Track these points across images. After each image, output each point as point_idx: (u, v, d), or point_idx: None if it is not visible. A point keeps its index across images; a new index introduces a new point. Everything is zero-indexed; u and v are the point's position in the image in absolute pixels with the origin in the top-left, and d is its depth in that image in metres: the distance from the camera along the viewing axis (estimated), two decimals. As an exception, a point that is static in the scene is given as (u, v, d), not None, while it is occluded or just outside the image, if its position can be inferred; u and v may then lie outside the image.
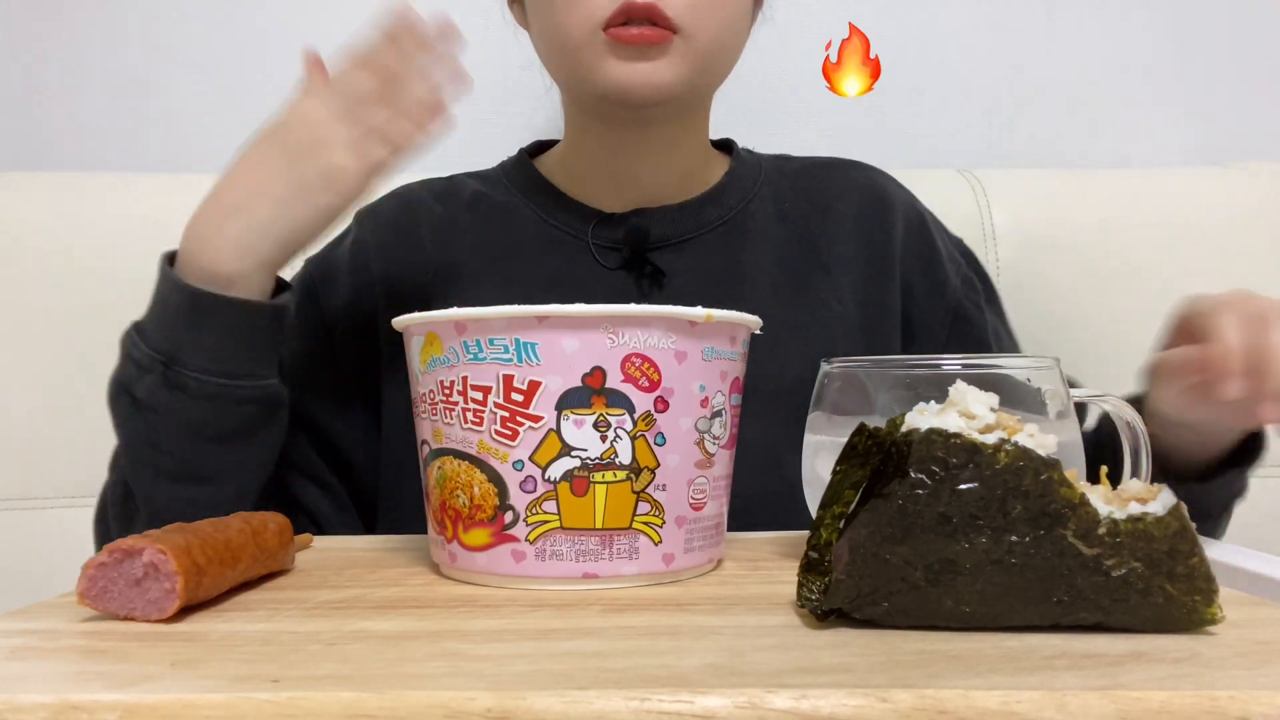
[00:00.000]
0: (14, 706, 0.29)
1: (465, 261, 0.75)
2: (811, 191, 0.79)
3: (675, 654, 0.34)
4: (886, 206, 0.79)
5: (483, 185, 0.80)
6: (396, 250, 0.76)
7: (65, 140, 1.09)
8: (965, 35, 1.11)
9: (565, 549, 0.44)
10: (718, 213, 0.76)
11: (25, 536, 0.91)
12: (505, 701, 0.29)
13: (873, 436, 0.39)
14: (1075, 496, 0.35)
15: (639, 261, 0.73)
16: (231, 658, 0.34)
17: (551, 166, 0.80)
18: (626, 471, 0.44)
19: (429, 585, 0.46)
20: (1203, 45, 1.12)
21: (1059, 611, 0.36)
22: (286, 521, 0.49)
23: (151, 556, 0.39)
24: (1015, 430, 0.36)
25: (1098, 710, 0.29)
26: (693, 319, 0.44)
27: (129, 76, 1.09)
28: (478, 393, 0.44)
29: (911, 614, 0.36)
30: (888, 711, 0.29)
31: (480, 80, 1.06)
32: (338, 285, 0.75)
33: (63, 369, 0.92)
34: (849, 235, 0.77)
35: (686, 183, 0.77)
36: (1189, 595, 0.35)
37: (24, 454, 0.92)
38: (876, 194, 0.80)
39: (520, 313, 0.43)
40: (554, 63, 0.72)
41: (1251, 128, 1.13)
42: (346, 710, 0.29)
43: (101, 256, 0.94)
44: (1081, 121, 1.13)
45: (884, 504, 0.36)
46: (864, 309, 0.75)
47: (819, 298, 0.74)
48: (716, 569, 0.49)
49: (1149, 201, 1.01)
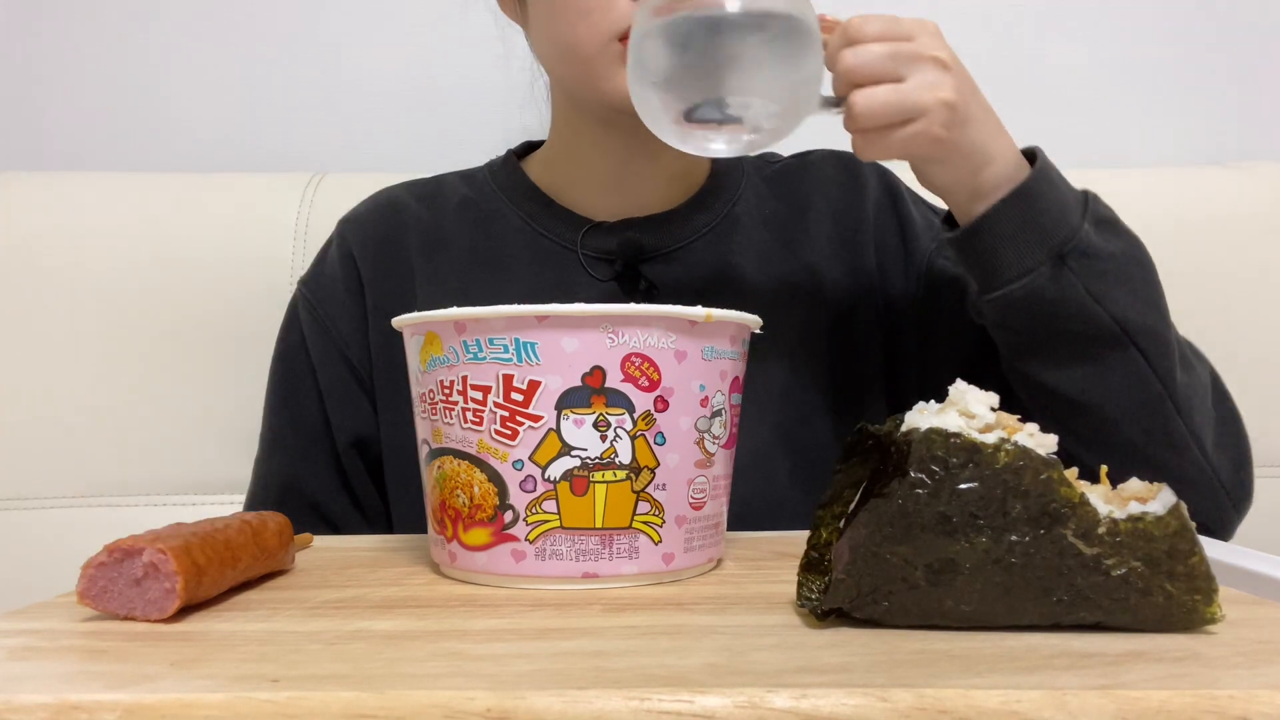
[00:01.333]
0: (14, 706, 0.29)
1: (452, 271, 0.75)
2: (790, 194, 0.78)
3: (675, 654, 0.34)
4: (859, 189, 0.78)
5: (469, 188, 0.79)
6: (382, 257, 0.76)
7: (65, 140, 1.09)
8: (963, 35, 1.11)
9: (565, 548, 0.44)
10: (705, 219, 0.75)
11: (25, 536, 0.91)
12: (505, 701, 0.29)
13: (873, 436, 0.39)
14: (1075, 496, 0.35)
15: (632, 276, 0.73)
16: (231, 657, 0.34)
17: (539, 170, 0.79)
18: (626, 471, 0.44)
19: (429, 585, 0.46)
20: (1203, 45, 1.12)
21: (1059, 611, 0.36)
22: (286, 521, 0.49)
23: (151, 556, 0.39)
24: (1015, 430, 0.37)
25: (1097, 710, 0.29)
26: (693, 318, 0.44)
27: (129, 76, 1.09)
28: (477, 392, 0.44)
29: (911, 614, 0.36)
30: (888, 711, 0.29)
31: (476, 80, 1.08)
32: (338, 304, 0.75)
33: (63, 369, 0.92)
34: (827, 230, 0.76)
35: (674, 186, 0.76)
36: (1189, 594, 0.35)
37: (24, 454, 0.92)
38: (849, 176, 0.79)
39: (520, 312, 0.43)
40: (560, 68, 0.72)
41: (1251, 128, 1.13)
42: (346, 710, 0.29)
43: (101, 256, 0.94)
44: (1081, 121, 1.13)
45: (884, 504, 0.36)
46: (841, 300, 0.75)
47: (802, 300, 0.74)
48: (716, 569, 0.49)
49: (1149, 201, 1.01)
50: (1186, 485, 0.61)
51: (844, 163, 0.80)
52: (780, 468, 0.70)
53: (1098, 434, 0.62)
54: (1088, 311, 0.59)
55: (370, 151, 1.09)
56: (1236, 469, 0.64)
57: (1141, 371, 0.60)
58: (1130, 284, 0.60)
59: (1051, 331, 0.60)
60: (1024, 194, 0.58)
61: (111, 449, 0.92)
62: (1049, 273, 0.58)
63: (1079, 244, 0.58)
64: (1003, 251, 0.59)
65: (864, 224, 0.76)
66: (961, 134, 0.57)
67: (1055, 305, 0.59)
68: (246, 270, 0.93)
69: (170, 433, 0.93)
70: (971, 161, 0.59)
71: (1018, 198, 0.58)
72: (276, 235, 0.94)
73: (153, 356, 0.93)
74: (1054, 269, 0.58)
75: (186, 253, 0.94)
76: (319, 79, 1.09)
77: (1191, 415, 0.61)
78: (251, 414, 0.79)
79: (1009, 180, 0.59)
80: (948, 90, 0.55)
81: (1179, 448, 0.61)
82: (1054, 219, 0.58)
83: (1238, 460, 0.65)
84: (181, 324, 0.93)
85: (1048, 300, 0.59)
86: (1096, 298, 0.58)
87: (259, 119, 1.09)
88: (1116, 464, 0.60)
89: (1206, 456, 0.62)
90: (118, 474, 0.92)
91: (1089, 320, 0.59)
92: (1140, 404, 0.60)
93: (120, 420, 0.92)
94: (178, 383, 0.93)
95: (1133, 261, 0.61)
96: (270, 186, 0.98)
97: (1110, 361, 0.60)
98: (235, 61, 1.09)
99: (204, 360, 0.93)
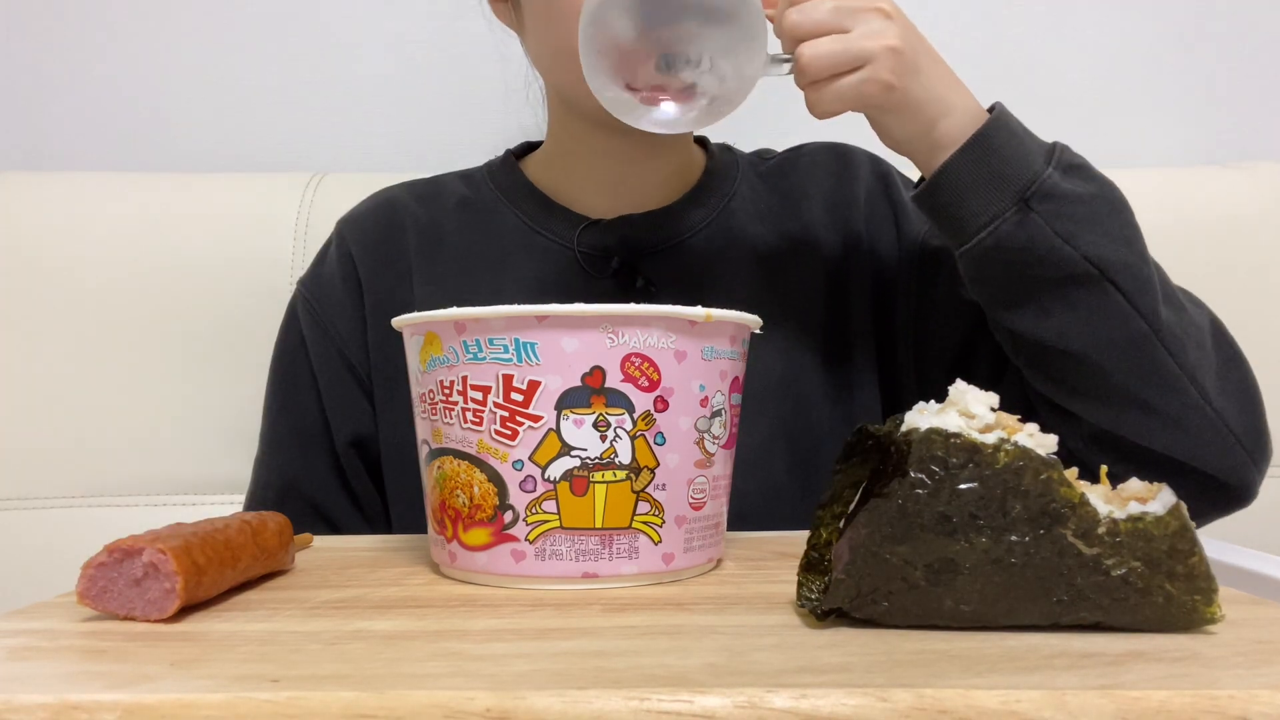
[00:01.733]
0: (14, 706, 0.29)
1: (450, 270, 0.75)
2: (784, 188, 0.79)
3: (675, 654, 0.34)
4: (852, 176, 0.78)
5: (467, 188, 0.80)
6: (381, 257, 0.76)
7: (65, 140, 1.09)
8: (963, 34, 1.11)
9: (565, 548, 0.44)
10: (701, 214, 0.75)
11: (25, 536, 0.91)
12: (505, 701, 0.29)
13: (873, 436, 0.39)
14: (1075, 496, 0.35)
15: (630, 273, 0.73)
16: (231, 658, 0.34)
17: (537, 170, 0.79)
18: (626, 471, 0.44)
19: (429, 585, 0.46)
20: (1203, 45, 1.12)
21: (1059, 611, 0.36)
22: (286, 521, 0.49)
23: (151, 556, 0.39)
24: (1015, 430, 0.37)
25: (1097, 710, 0.29)
26: (693, 318, 0.44)
27: (129, 76, 1.09)
28: (477, 392, 0.44)
29: (911, 613, 0.36)
30: (887, 711, 0.29)
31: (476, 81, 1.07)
32: (337, 304, 0.75)
33: (63, 369, 0.92)
34: (820, 219, 0.76)
35: (671, 184, 0.77)
36: (1189, 595, 0.35)
37: (24, 454, 0.92)
38: (841, 165, 0.79)
39: (520, 312, 0.43)
40: (556, 73, 0.72)
41: (1251, 128, 1.13)
42: (346, 710, 0.29)
43: (101, 256, 0.94)
44: (1081, 121, 1.12)
45: (884, 504, 0.36)
46: (836, 290, 0.75)
47: (797, 291, 0.74)
48: (716, 569, 0.49)
49: (1149, 201, 1.00)
50: (1190, 432, 0.59)
51: (836, 152, 0.80)
52: (778, 459, 0.70)
53: (1089, 383, 0.60)
54: (1059, 253, 0.58)
55: (370, 151, 1.09)
56: (1246, 414, 0.61)
57: (1122, 309, 0.58)
58: (1101, 224, 0.59)
59: (1026, 279, 0.59)
60: (980, 142, 0.59)
61: (111, 449, 0.92)
62: (1014, 218, 0.58)
63: (1043, 188, 0.58)
64: (966, 202, 0.59)
65: (856, 210, 0.76)
66: (913, 81, 0.58)
67: (1025, 251, 0.58)
68: (246, 270, 0.93)
69: (170, 433, 0.93)
70: (926, 112, 0.59)
71: (974, 146, 0.59)
72: (276, 235, 0.94)
73: (153, 356, 0.93)
74: (1019, 214, 0.58)
75: (186, 253, 0.94)
76: (319, 79, 1.09)
77: (1184, 353, 0.59)
78: (251, 414, 0.79)
79: (967, 132, 0.59)
80: (892, 37, 0.56)
81: (1174, 388, 0.59)
82: (1015, 166, 0.59)
83: (1246, 405, 0.62)
84: (182, 324, 0.93)
85: (1016, 246, 0.58)
86: (1066, 238, 0.58)
87: (259, 119, 1.09)
88: (1115, 416, 0.61)
89: (1208, 399, 0.60)
90: (118, 474, 0.92)
91: (1061, 262, 0.58)
92: (1125, 343, 0.59)
93: (120, 420, 0.92)
94: (178, 383, 0.93)
95: (1104, 202, 0.60)
96: (270, 186, 0.98)
97: (1090, 303, 0.59)
98: (235, 61, 1.09)
99: (204, 360, 0.93)
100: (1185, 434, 0.59)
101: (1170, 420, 0.59)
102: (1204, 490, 0.60)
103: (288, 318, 0.78)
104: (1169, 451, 0.59)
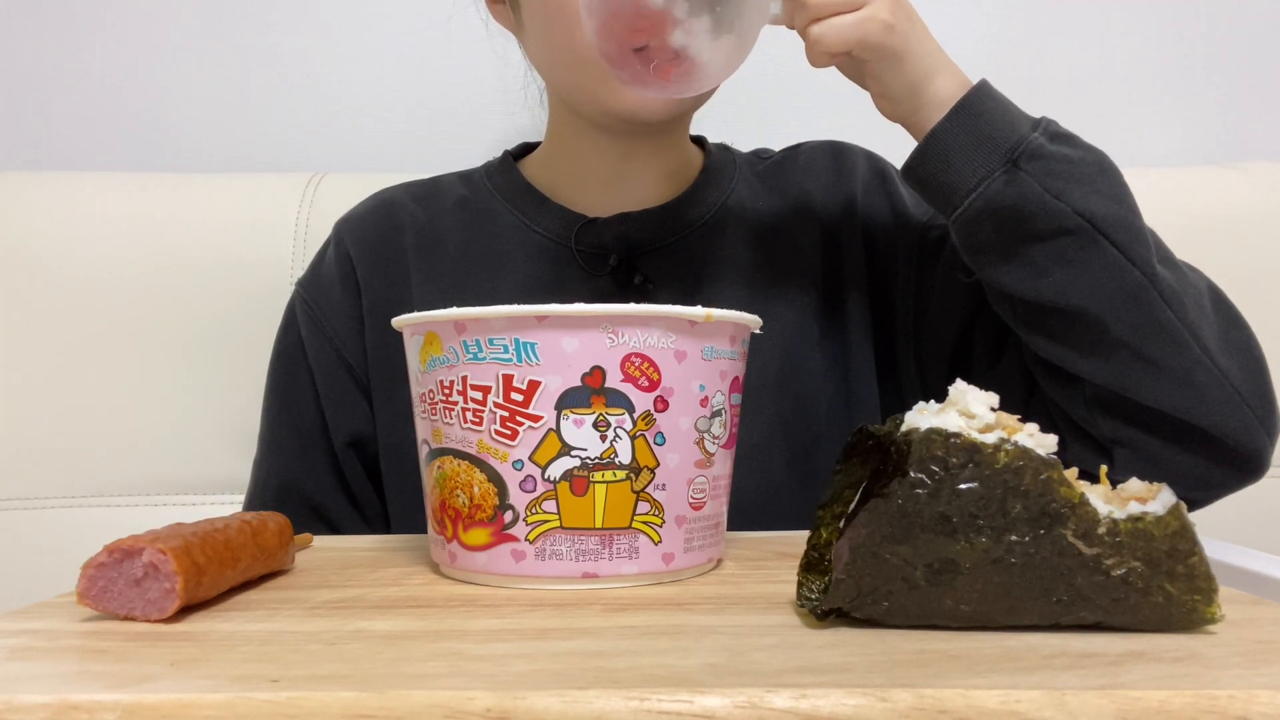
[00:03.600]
0: (14, 706, 0.29)
1: (448, 269, 0.75)
2: (782, 186, 0.79)
3: (675, 654, 0.34)
4: (848, 172, 0.78)
5: (465, 188, 0.80)
6: (379, 257, 0.76)
7: (65, 140, 1.09)
8: (963, 35, 1.11)
9: (565, 548, 0.44)
10: (699, 212, 0.75)
11: (25, 536, 0.91)
12: (505, 701, 0.29)
13: (873, 436, 0.39)
14: (1075, 496, 0.35)
15: (628, 271, 0.73)
16: (231, 658, 0.34)
17: (535, 170, 0.79)
18: (626, 471, 0.44)
19: (429, 585, 0.46)
20: (1202, 45, 1.12)
21: (1059, 611, 0.36)
22: (286, 521, 0.49)
23: (151, 556, 0.39)
24: (1015, 430, 0.37)
25: (1097, 710, 0.29)
26: (693, 318, 0.44)
27: (129, 76, 1.09)
28: (477, 392, 0.44)
29: (911, 613, 0.36)
30: (887, 711, 0.29)
31: (475, 81, 1.07)
32: (335, 305, 0.76)
33: (63, 369, 0.92)
34: (818, 215, 0.77)
35: (669, 183, 0.77)
36: (1189, 595, 0.35)
37: (24, 454, 0.92)
38: (838, 162, 0.79)
39: (520, 312, 0.43)
40: (555, 75, 0.72)
41: (1251, 128, 1.13)
42: (346, 710, 0.29)
43: (101, 256, 0.94)
44: (1081, 121, 1.12)
45: (884, 504, 0.36)
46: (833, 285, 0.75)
47: (795, 288, 0.74)
48: (716, 569, 0.49)
49: (1149, 201, 1.00)
50: (1196, 389, 0.58)
51: (833, 150, 0.80)
52: (777, 455, 0.71)
53: (1090, 339, 0.59)
54: (1050, 208, 0.58)
55: (370, 152, 1.09)
56: (1251, 376, 0.60)
57: (1118, 262, 0.58)
58: (1091, 182, 0.59)
59: (1019, 237, 0.59)
60: (967, 107, 0.60)
61: (111, 449, 0.92)
62: (1003, 177, 0.58)
63: (1030, 148, 0.59)
64: (954, 167, 0.60)
65: (853, 205, 0.77)
66: (910, 28, 0.59)
67: (1015, 209, 0.59)
68: (246, 271, 0.93)
69: (170, 433, 0.93)
70: (923, 64, 0.60)
71: (960, 111, 0.60)
72: (276, 236, 0.94)
73: (153, 356, 0.93)
74: (1008, 174, 0.58)
75: (186, 253, 0.94)
76: (319, 79, 1.09)
77: (1184, 310, 0.59)
78: (251, 414, 0.79)
79: (956, 96, 0.60)
80: None
81: (1176, 341, 0.58)
82: (1002, 129, 0.59)
83: (1251, 366, 0.61)
84: (181, 324, 0.93)
85: (1006, 205, 0.59)
86: (1056, 194, 0.58)
87: (259, 119, 1.09)
88: (1118, 373, 0.60)
89: (1210, 356, 0.59)
90: (118, 474, 0.92)
91: (1053, 217, 0.58)
92: (1123, 295, 0.58)
93: (120, 420, 0.92)
94: (177, 383, 0.93)
95: (1093, 164, 0.60)
96: (270, 187, 0.98)
97: (1084, 258, 0.59)
98: (235, 61, 1.09)
99: (204, 360, 0.93)
100: (1192, 390, 0.58)
101: (1176, 376, 0.58)
102: (1213, 459, 0.59)
103: (286, 318, 0.78)
104: (1175, 411, 0.58)
